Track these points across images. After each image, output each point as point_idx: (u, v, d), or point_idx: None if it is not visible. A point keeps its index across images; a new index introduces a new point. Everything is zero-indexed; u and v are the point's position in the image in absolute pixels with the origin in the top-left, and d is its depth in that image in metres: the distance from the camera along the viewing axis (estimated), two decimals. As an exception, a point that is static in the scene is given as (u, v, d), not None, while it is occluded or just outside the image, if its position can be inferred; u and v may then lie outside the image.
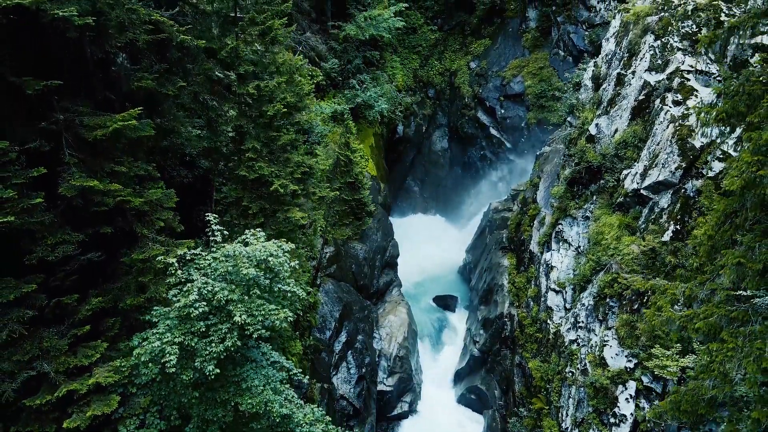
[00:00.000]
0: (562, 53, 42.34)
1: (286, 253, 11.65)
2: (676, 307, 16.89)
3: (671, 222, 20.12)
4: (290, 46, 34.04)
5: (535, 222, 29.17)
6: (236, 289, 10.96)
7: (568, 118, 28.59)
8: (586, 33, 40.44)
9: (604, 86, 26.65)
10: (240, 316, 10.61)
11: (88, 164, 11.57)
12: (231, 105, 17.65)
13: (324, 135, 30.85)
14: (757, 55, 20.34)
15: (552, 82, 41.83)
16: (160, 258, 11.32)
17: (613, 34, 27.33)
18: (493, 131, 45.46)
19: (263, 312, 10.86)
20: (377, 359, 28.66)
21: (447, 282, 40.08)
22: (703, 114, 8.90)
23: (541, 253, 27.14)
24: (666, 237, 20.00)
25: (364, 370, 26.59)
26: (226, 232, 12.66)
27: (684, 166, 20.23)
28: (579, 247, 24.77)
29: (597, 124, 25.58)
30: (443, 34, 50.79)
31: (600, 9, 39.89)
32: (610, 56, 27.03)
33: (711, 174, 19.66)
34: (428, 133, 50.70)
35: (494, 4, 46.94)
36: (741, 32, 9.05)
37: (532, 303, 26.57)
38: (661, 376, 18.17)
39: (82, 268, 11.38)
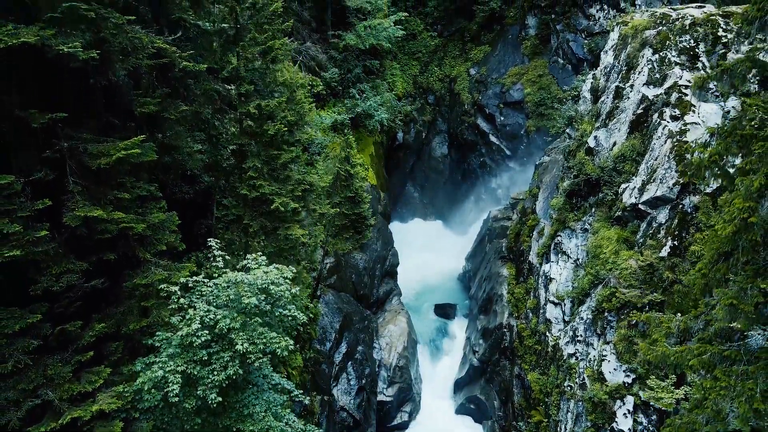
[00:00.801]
0: (562, 61, 42.50)
1: (287, 280, 11.81)
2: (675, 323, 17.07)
3: (669, 238, 20.26)
4: (291, 56, 34.23)
5: (534, 233, 29.33)
6: (238, 317, 11.12)
7: (567, 130, 28.74)
8: (585, 42, 40.62)
9: (602, 99, 26.79)
10: (242, 345, 10.78)
11: (92, 192, 11.71)
12: (233, 123, 17.81)
13: (324, 146, 31.05)
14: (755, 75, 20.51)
15: (551, 90, 41.99)
16: (163, 286, 11.47)
17: (612, 46, 27.46)
18: (492, 138, 45.60)
19: (264, 340, 11.02)
20: (377, 369, 28.81)
21: (447, 289, 40.22)
22: (696, 154, 9.05)
23: (540, 264, 27.30)
24: (664, 252, 20.15)
25: (364, 381, 26.73)
26: (228, 257, 12.81)
27: (681, 182, 20.37)
28: (578, 259, 24.91)
29: (595, 137, 25.72)
30: (443, 40, 50.96)
31: (599, 18, 40.06)
32: (608, 69, 27.16)
33: (708, 190, 19.79)
34: (428, 139, 50.88)
35: (494, 11, 47.07)
36: (733, 75, 9.18)
37: (531, 314, 26.72)
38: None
39: (85, 294, 11.53)
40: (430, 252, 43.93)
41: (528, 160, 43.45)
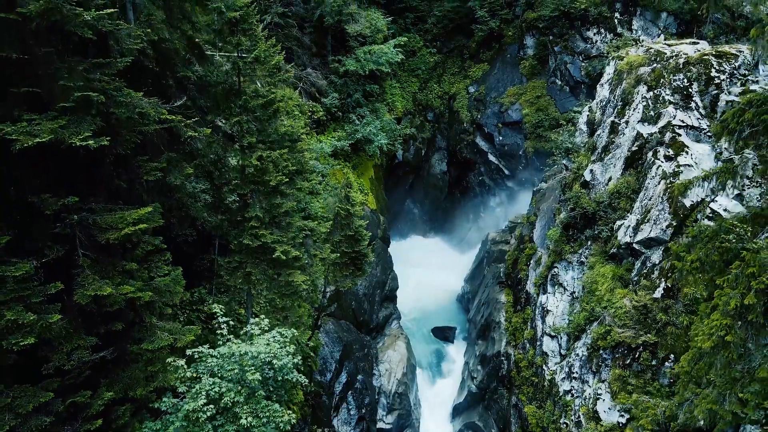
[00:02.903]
0: (560, 82, 42.91)
1: (289, 353, 12.24)
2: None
3: (662, 279, 20.68)
4: (291, 82, 34.68)
5: (532, 261, 29.75)
6: (242, 390, 11.57)
7: (564, 161, 29.16)
8: (583, 64, 41.01)
9: (598, 132, 27.21)
10: (246, 419, 11.21)
11: (101, 264, 12.12)
12: (234, 174, 18.21)
13: (325, 174, 31.48)
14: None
15: (549, 111, 42.39)
16: (169, 360, 11.90)
17: (608, 80, 27.89)
18: (491, 157, 46.01)
19: (268, 414, 11.46)
20: (376, 397, 29.23)
21: (446, 310, 40.65)
22: (678, 263, 9.49)
23: (537, 294, 27.72)
24: (657, 294, 20.58)
25: (363, 411, 27.16)
26: (232, 323, 13.24)
27: (675, 224, 20.79)
28: (574, 292, 25.32)
29: (591, 170, 26.15)
30: (442, 57, 51.37)
31: (596, 41, 40.47)
32: (604, 103, 27.59)
33: (701, 233, 20.22)
34: (427, 156, 51.28)
35: (492, 31, 47.48)
36: (708, 183, 9.60)
37: (528, 345, 27.14)
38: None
39: (94, 364, 11.95)
40: (429, 269, 44.34)
41: (526, 180, 43.86)
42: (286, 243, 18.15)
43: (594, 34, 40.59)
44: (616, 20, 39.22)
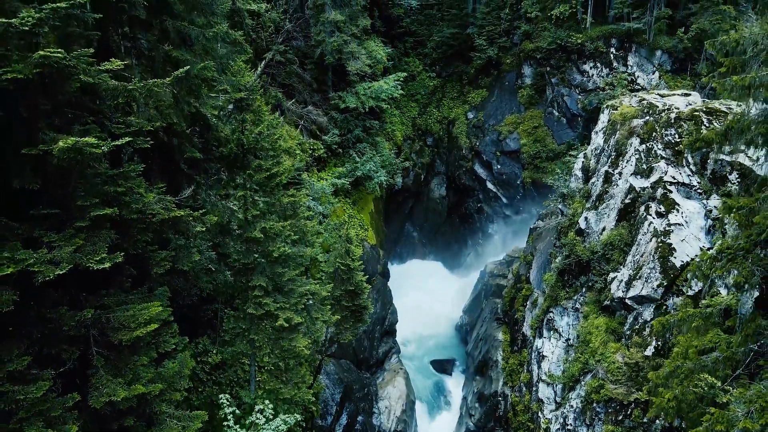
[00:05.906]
0: (557, 113, 43.55)
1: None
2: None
3: (653, 337, 21.32)
4: (292, 120, 35.37)
5: (528, 303, 30.38)
6: (249, 487, 12.27)
7: (559, 206, 29.79)
8: (579, 97, 41.65)
9: (593, 180, 27.82)
10: None
11: (114, 361, 12.76)
12: (240, 245, 18.84)
13: (327, 215, 32.11)
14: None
15: (546, 143, 43.05)
16: (180, 458, 12.59)
17: (602, 129, 28.49)
18: (489, 185, 46.67)
19: None
20: (376, 436, 29.88)
21: (444, 339, 41.31)
22: (656, 399, 10.14)
23: (533, 337, 28.34)
24: (648, 352, 21.21)
25: (363, 452, 27.80)
26: (238, 411, 13.89)
27: (665, 284, 21.43)
28: (569, 339, 25.96)
29: (586, 218, 26.76)
30: (441, 81, 52.05)
31: (592, 75, 41.11)
32: (598, 151, 28.21)
33: (691, 293, 20.87)
34: (427, 181, 51.96)
35: (491, 58, 48.12)
36: (686, 326, 10.25)
37: (524, 389, 27.77)
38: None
39: (108, 459, 12.60)
40: (428, 292, 45.04)
41: (524, 209, 44.56)
42: (289, 309, 18.78)
43: (590, 68, 41.22)
44: (611, 56, 39.86)
